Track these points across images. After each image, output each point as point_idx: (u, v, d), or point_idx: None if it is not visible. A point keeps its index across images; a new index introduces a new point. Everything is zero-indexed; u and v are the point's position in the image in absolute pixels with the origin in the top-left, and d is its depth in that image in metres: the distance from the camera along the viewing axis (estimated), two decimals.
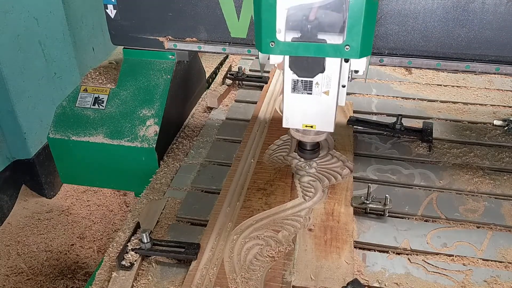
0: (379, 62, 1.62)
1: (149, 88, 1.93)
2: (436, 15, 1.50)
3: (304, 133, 1.48)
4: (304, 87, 1.31)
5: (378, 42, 1.58)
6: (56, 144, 1.94)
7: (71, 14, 3.43)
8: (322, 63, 1.25)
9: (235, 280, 1.27)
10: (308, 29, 1.15)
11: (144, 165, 1.88)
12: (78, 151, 1.93)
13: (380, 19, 1.53)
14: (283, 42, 1.16)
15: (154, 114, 1.88)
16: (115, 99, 1.94)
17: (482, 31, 1.49)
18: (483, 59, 1.54)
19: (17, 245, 2.87)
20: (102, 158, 1.93)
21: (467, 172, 1.73)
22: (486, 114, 2.12)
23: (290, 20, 1.15)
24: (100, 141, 1.88)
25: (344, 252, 1.35)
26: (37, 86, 3.12)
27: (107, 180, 2.03)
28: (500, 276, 1.32)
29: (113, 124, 1.90)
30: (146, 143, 1.85)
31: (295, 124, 1.40)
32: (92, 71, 2.09)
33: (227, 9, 1.66)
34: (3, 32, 2.76)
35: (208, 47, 1.76)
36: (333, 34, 1.15)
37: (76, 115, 1.94)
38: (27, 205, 3.24)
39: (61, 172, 2.03)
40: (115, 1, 1.74)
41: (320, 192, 1.58)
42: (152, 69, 1.96)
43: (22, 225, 3.05)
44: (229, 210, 1.52)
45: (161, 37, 1.78)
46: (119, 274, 1.33)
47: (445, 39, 1.53)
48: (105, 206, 3.23)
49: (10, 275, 2.67)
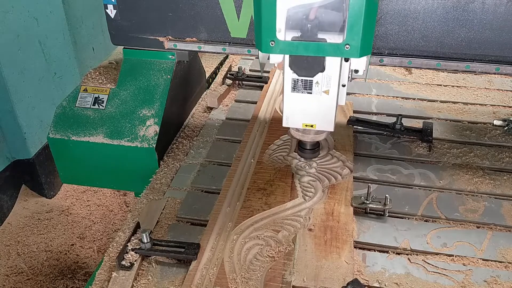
0: (379, 62, 1.61)
1: (149, 88, 1.93)
2: (436, 15, 1.49)
3: (304, 133, 1.48)
4: (304, 86, 1.30)
5: (378, 42, 1.57)
6: (56, 144, 1.94)
7: (71, 14, 3.43)
8: (322, 62, 1.24)
9: (235, 280, 1.27)
10: (308, 28, 1.14)
11: (144, 165, 1.87)
12: (78, 151, 1.93)
13: (380, 19, 1.53)
14: (283, 41, 1.16)
15: (154, 114, 1.88)
16: (115, 99, 1.94)
17: (482, 31, 1.49)
18: (483, 59, 1.54)
19: (17, 245, 2.87)
20: (102, 158, 1.93)
21: (467, 172, 1.73)
22: (486, 114, 2.12)
23: (290, 19, 1.14)
24: (100, 141, 1.88)
25: (344, 252, 1.35)
26: (37, 86, 3.12)
27: (107, 180, 2.03)
28: (500, 276, 1.32)
29: (113, 124, 1.89)
30: (146, 143, 1.85)
31: (295, 124, 1.39)
32: (92, 71, 2.09)
33: (227, 9, 1.66)
34: (3, 32, 2.76)
35: (208, 47, 1.76)
36: (333, 33, 1.15)
37: (76, 115, 1.93)
38: (27, 205, 3.24)
39: (61, 172, 2.03)
40: (115, 1, 1.73)
41: (320, 192, 1.58)
42: (152, 69, 1.95)
43: (22, 225, 3.05)
44: (229, 210, 1.52)
45: (161, 37, 1.78)
46: (119, 274, 1.33)
47: (445, 39, 1.53)
48: (105, 206, 3.23)
49: (10, 275, 2.67)
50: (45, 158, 3.27)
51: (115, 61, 2.19)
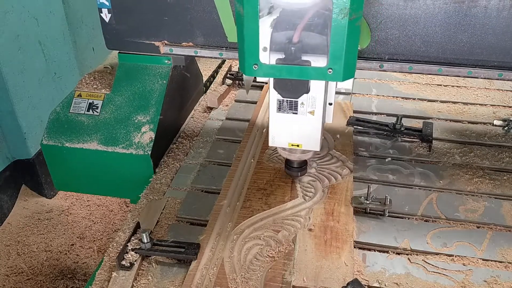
0: (379, 67, 1.57)
1: (144, 94, 1.90)
2: (437, 19, 1.46)
3: (291, 152, 1.47)
4: (290, 107, 1.30)
5: (378, 47, 1.54)
6: (50, 150, 1.90)
7: (71, 14, 3.43)
8: (306, 84, 1.24)
9: (235, 280, 1.27)
10: (291, 51, 1.13)
11: (139, 173, 1.84)
12: (72, 158, 1.89)
13: (380, 24, 1.50)
14: (267, 65, 1.14)
15: (149, 120, 1.85)
16: (110, 105, 1.90)
17: (484, 36, 1.45)
18: (485, 64, 1.50)
19: (17, 245, 2.87)
20: (96, 165, 1.89)
21: (467, 172, 1.73)
22: (486, 114, 2.12)
23: (273, 42, 1.13)
24: (94, 148, 1.84)
25: (344, 252, 1.35)
26: (37, 86, 3.12)
27: (101, 188, 1.99)
28: (500, 276, 1.32)
29: (107, 131, 1.86)
30: (141, 150, 1.81)
31: (281, 143, 1.39)
32: (87, 75, 2.05)
33: (224, 14, 1.62)
34: (3, 32, 2.76)
35: (204, 52, 1.71)
36: (317, 56, 1.13)
37: (70, 121, 1.90)
38: (27, 205, 3.24)
39: (55, 179, 1.99)
40: (109, 5, 1.70)
41: (320, 192, 1.58)
42: (148, 74, 1.92)
43: (22, 225, 3.05)
44: (229, 210, 1.52)
45: (156, 41, 1.73)
46: (119, 274, 1.33)
47: (446, 44, 1.50)
48: (105, 206, 3.23)
49: (10, 275, 2.67)
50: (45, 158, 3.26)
51: (110, 65, 2.17)
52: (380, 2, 1.46)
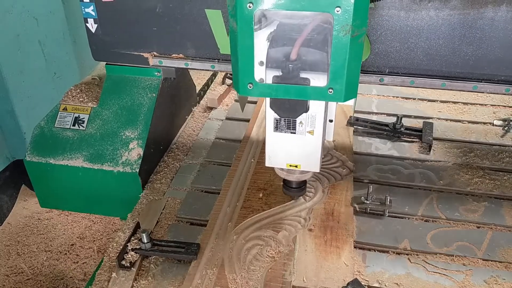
0: (379, 81, 1.52)
1: (133, 107, 1.79)
2: (441, 31, 1.40)
3: (289, 172, 1.36)
4: (287, 126, 1.21)
5: (378, 60, 1.48)
6: (34, 167, 1.81)
7: (71, 14, 3.43)
8: (305, 103, 1.16)
9: (235, 280, 1.27)
10: (289, 69, 1.04)
11: (127, 191, 1.74)
12: (57, 175, 1.79)
13: (381, 35, 1.44)
14: (262, 84, 1.06)
15: (138, 135, 1.75)
16: (97, 119, 1.80)
17: (491, 49, 1.39)
18: (492, 79, 1.43)
19: (17, 245, 2.87)
20: (82, 183, 1.78)
21: (467, 172, 1.73)
22: (486, 114, 2.12)
23: (270, 58, 1.04)
24: (79, 165, 1.75)
25: (344, 252, 1.35)
26: (37, 86, 3.12)
27: (88, 206, 1.89)
28: (500, 276, 1.32)
29: (93, 147, 1.76)
30: (128, 168, 1.71)
31: (279, 164, 1.30)
32: (73, 88, 1.95)
33: (215, 24, 1.54)
34: (3, 32, 2.75)
35: (196, 64, 1.64)
36: (317, 74, 1.04)
37: (55, 137, 1.81)
38: (27, 205, 3.24)
39: (40, 196, 1.91)
40: (96, 15, 1.64)
41: (320, 192, 1.58)
42: (137, 87, 1.81)
43: (22, 225, 3.05)
44: (229, 210, 1.52)
45: (145, 53, 1.67)
46: (119, 274, 1.33)
47: (450, 58, 1.43)
48: None
49: (10, 275, 2.67)
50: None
51: (98, 76, 2.04)
52: (380, 13, 1.40)
